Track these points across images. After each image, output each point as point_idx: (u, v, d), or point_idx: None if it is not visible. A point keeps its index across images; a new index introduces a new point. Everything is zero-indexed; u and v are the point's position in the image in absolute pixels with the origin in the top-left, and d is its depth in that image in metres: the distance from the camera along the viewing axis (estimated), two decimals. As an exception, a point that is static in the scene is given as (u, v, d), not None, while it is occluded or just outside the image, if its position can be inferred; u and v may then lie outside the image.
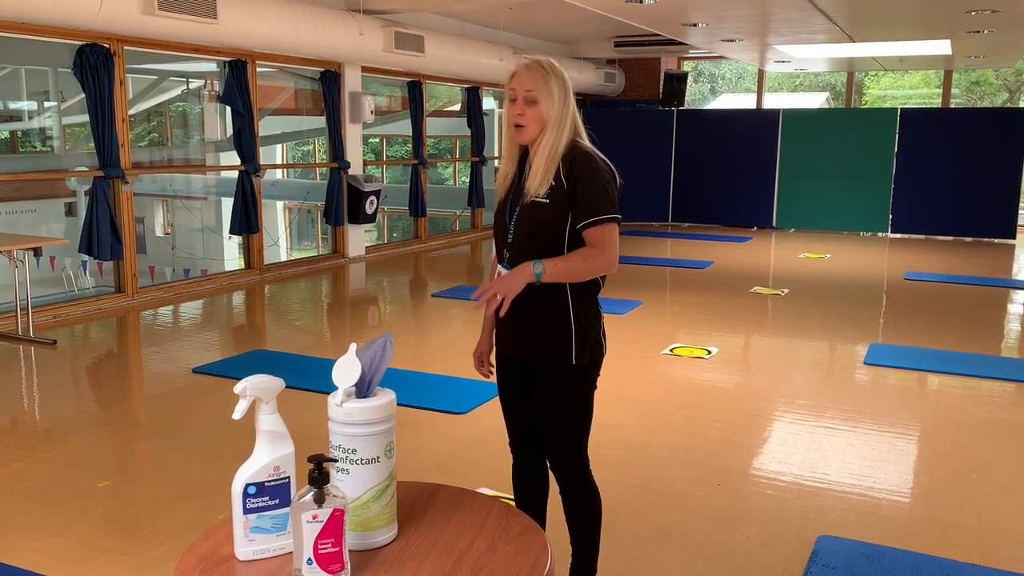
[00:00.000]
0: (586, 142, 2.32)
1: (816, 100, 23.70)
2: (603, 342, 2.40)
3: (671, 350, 5.75)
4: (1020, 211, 12.04)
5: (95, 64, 6.62)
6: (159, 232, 13.13)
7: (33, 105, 12.16)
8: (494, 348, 2.50)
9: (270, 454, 1.53)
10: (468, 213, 12.40)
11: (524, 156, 2.34)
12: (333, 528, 1.39)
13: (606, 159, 2.31)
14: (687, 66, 15.30)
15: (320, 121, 9.64)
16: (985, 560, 2.93)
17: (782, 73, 17.16)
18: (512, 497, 3.34)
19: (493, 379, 2.52)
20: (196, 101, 13.24)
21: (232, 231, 8.43)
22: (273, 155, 14.52)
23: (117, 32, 6.61)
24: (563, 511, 2.48)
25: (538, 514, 2.57)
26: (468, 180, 12.10)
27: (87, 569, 2.83)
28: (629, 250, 9.93)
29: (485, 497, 1.79)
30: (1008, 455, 3.95)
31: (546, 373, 2.32)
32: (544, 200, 2.23)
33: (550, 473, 2.53)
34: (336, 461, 1.56)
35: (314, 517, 1.38)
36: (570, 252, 2.23)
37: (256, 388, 1.52)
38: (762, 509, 3.33)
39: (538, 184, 2.23)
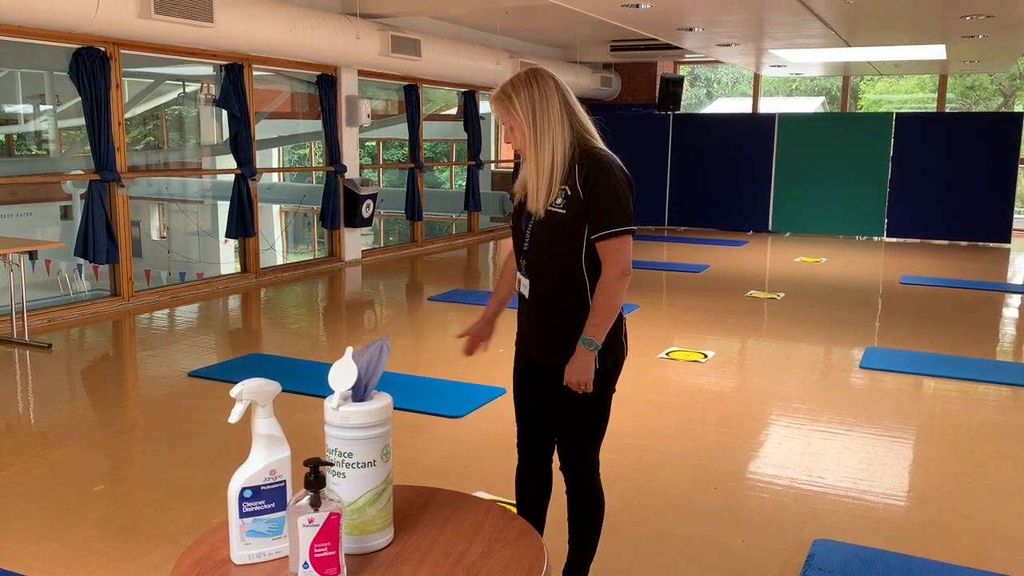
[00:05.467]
0: (599, 143, 2.29)
1: (812, 104, 23.73)
2: (624, 345, 2.38)
3: (667, 354, 5.76)
4: (1015, 215, 12.07)
5: (91, 67, 6.61)
6: (155, 236, 13.12)
7: (29, 108, 12.13)
8: (487, 339, 2.55)
9: (266, 458, 1.53)
10: (464, 217, 12.40)
11: None
12: (329, 532, 1.39)
13: (621, 164, 2.29)
14: (683, 70, 15.32)
15: (316, 125, 9.64)
16: (981, 563, 2.93)
17: (778, 77, 17.21)
18: (509, 501, 3.34)
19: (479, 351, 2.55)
20: (192, 104, 13.23)
21: (228, 235, 8.42)
22: (269, 159, 14.52)
23: (113, 35, 6.60)
24: (567, 513, 2.48)
25: (539, 517, 2.58)
26: (464, 184, 12.10)
27: (83, 573, 2.82)
28: (625, 254, 9.92)
29: (482, 501, 1.79)
30: (1003, 458, 3.96)
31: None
32: (561, 210, 2.22)
33: (553, 477, 2.55)
34: (332, 465, 1.56)
35: (310, 521, 1.38)
36: (593, 301, 2.24)
37: (252, 392, 1.52)
38: (758, 513, 3.33)
39: (542, 200, 2.23)
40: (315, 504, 1.38)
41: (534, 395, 2.44)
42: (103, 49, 6.70)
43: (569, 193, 2.21)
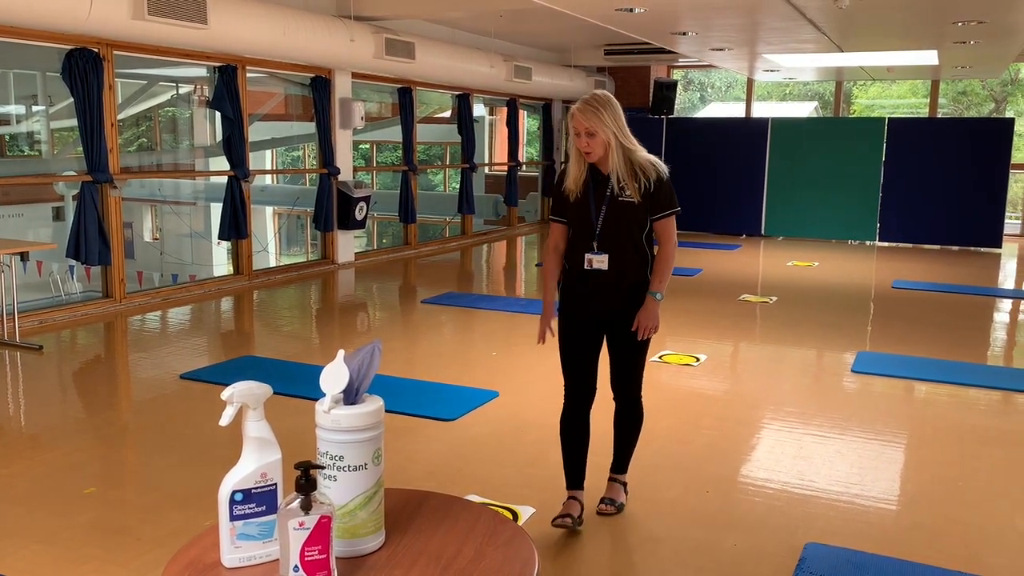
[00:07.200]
0: (643, 150, 3.04)
1: (805, 109, 23.79)
2: None
3: (660, 357, 5.76)
4: (1006, 220, 12.12)
5: (84, 68, 6.59)
6: (147, 237, 13.10)
7: (21, 109, 12.11)
8: (555, 315, 3.18)
9: (257, 461, 1.53)
10: (458, 219, 12.40)
11: (592, 168, 3.02)
12: (320, 535, 1.39)
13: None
14: (677, 75, 15.34)
15: (310, 127, 9.62)
16: (972, 567, 2.94)
17: (771, 82, 17.24)
18: (501, 504, 3.35)
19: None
20: (186, 106, 13.22)
21: (221, 236, 8.40)
22: (263, 160, 14.50)
23: (106, 36, 6.59)
24: (614, 425, 3.29)
25: (582, 459, 3.21)
26: (458, 186, 12.10)
27: (72, 576, 2.81)
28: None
29: (473, 504, 1.79)
30: (994, 462, 3.98)
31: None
32: (632, 200, 2.98)
33: (590, 423, 3.23)
34: (323, 468, 1.55)
35: (301, 524, 1.37)
36: (655, 265, 3.10)
37: (243, 395, 1.52)
38: (750, 516, 3.34)
39: (632, 189, 2.98)
40: (306, 507, 1.38)
41: (588, 349, 3.12)
42: (96, 50, 6.69)
43: (641, 188, 2.96)
